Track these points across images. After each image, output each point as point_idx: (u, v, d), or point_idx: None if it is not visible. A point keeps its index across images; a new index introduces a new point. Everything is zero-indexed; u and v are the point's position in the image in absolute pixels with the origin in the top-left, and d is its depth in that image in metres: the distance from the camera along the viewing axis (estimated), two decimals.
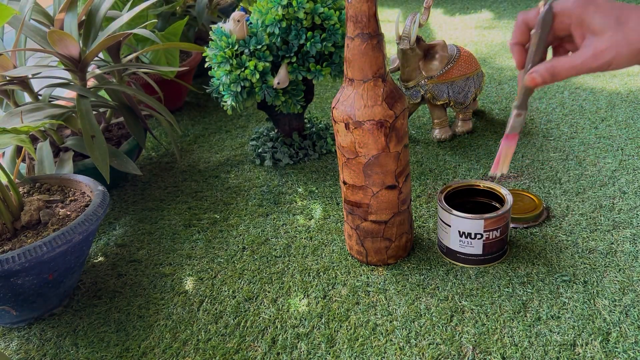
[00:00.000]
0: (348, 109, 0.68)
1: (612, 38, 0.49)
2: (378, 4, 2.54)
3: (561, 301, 0.69)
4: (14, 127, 0.69)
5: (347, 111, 0.68)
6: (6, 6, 0.69)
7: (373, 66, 0.66)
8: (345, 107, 0.68)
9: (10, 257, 0.64)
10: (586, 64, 0.52)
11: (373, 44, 0.64)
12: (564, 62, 0.53)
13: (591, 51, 0.51)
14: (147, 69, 1.09)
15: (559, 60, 0.53)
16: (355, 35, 0.64)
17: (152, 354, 0.67)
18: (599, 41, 0.50)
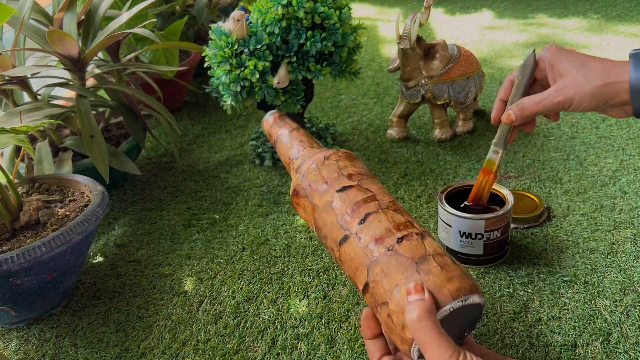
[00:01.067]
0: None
1: (574, 77, 0.55)
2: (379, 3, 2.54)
3: (562, 301, 0.68)
4: (12, 126, 0.69)
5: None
6: (5, 5, 0.69)
7: None
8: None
9: (9, 257, 0.64)
10: (549, 99, 0.57)
11: None
12: (530, 99, 0.59)
13: (554, 88, 0.57)
14: (146, 69, 1.08)
15: (527, 98, 0.60)
16: None
17: (152, 354, 0.67)
18: (563, 80, 0.56)
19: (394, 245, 0.47)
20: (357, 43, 1.02)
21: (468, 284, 0.45)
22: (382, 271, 0.47)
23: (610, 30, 1.76)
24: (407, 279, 0.45)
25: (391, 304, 0.46)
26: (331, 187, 0.55)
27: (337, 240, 0.52)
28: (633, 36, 1.67)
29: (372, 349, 0.50)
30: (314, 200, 0.55)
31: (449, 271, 0.45)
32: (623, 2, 2.06)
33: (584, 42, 1.67)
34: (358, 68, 1.05)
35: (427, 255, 0.46)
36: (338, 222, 0.52)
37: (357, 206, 0.52)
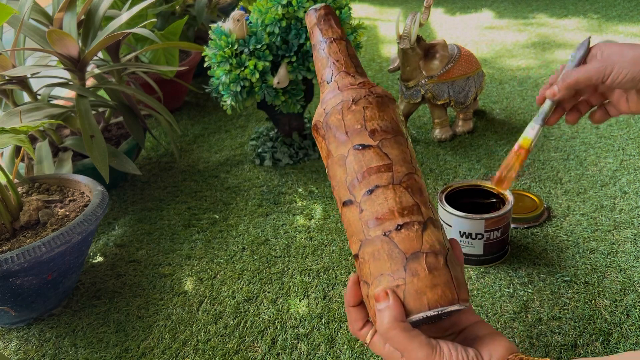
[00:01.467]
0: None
1: (620, 49, 0.57)
2: (379, 3, 2.54)
3: (562, 301, 0.68)
4: (12, 126, 0.69)
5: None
6: (5, 5, 0.69)
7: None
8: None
9: (9, 257, 0.64)
10: (591, 65, 0.58)
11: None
12: (574, 69, 0.60)
13: (599, 57, 0.58)
14: (146, 69, 1.08)
15: (571, 69, 0.60)
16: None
17: (152, 354, 0.67)
18: (609, 51, 0.58)
19: (392, 232, 0.46)
20: (357, 43, 1.02)
21: (450, 295, 0.44)
22: (372, 254, 0.47)
23: (610, 30, 1.76)
24: (392, 273, 0.45)
25: (371, 288, 0.46)
26: (350, 139, 0.50)
27: (341, 199, 0.50)
28: (633, 36, 1.67)
29: (354, 316, 0.49)
30: (331, 147, 0.51)
31: (435, 277, 0.45)
32: (623, 2, 2.06)
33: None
34: None
35: (421, 253, 0.45)
36: (346, 182, 0.49)
37: (368, 173, 0.48)
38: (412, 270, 0.45)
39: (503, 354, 0.44)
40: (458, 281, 0.46)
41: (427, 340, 0.44)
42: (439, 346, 0.44)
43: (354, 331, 0.50)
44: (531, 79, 1.41)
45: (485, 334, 0.47)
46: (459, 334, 0.49)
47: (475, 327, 0.48)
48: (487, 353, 0.44)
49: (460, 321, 0.49)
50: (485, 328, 0.48)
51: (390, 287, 0.45)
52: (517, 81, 1.41)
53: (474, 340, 0.47)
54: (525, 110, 1.23)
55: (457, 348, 0.44)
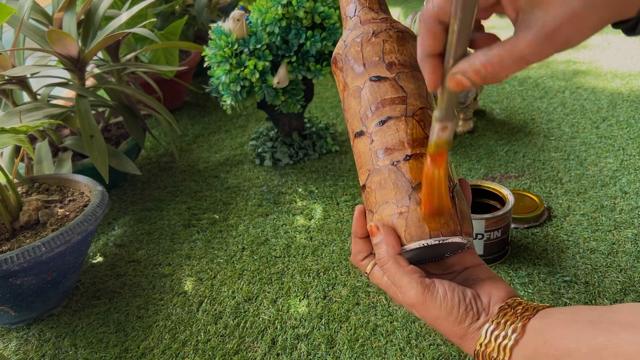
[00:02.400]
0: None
1: (565, 4, 0.33)
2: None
3: (562, 302, 0.68)
4: (12, 126, 0.69)
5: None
6: (5, 5, 0.68)
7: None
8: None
9: (9, 257, 0.64)
10: (537, 50, 0.35)
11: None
12: (506, 52, 0.36)
13: (541, 31, 0.34)
14: (146, 69, 1.08)
15: (496, 50, 0.36)
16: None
17: (152, 354, 0.67)
18: (548, 15, 0.34)
19: (400, 162, 0.46)
20: None
21: (453, 226, 0.45)
22: (379, 182, 0.47)
23: (610, 30, 1.76)
24: (397, 201, 0.45)
25: (375, 216, 0.47)
26: (367, 71, 0.49)
27: (354, 130, 0.50)
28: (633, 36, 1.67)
29: (358, 247, 0.49)
30: (347, 79, 0.51)
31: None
32: None
33: (584, 42, 1.67)
34: None
35: None
36: (360, 114, 0.49)
37: (382, 104, 0.48)
38: (416, 199, 0.45)
39: (502, 297, 0.44)
40: (462, 214, 0.46)
41: (420, 279, 0.44)
42: (434, 285, 0.44)
43: (356, 262, 0.50)
44: (531, 79, 1.41)
45: (486, 277, 0.47)
46: (459, 273, 0.49)
47: (477, 269, 0.48)
48: (487, 295, 0.44)
49: (462, 261, 0.49)
50: (486, 272, 0.48)
51: (394, 214, 0.45)
52: (517, 81, 1.41)
53: (474, 282, 0.47)
54: (526, 110, 1.23)
55: (454, 289, 0.43)
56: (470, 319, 0.43)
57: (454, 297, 0.43)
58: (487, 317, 0.43)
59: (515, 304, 0.43)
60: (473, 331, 0.43)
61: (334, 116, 1.32)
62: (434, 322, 0.44)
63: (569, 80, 1.38)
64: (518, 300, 0.44)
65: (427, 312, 0.44)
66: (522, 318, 0.41)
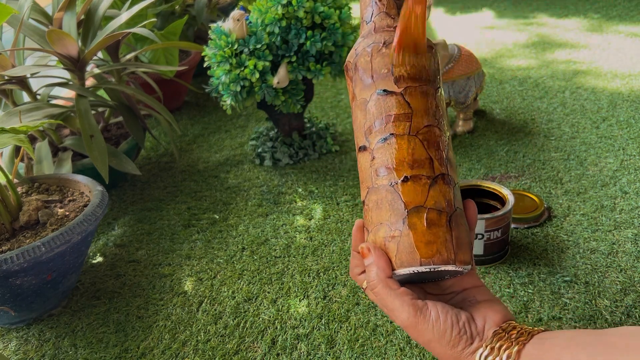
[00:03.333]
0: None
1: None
2: None
3: (562, 302, 0.68)
4: (12, 126, 0.69)
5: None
6: (5, 5, 0.68)
7: None
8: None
9: (9, 257, 0.64)
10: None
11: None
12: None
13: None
14: (146, 68, 1.08)
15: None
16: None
17: (152, 354, 0.67)
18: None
19: (398, 183, 0.45)
20: None
21: (445, 254, 0.43)
22: (376, 202, 0.46)
23: (610, 30, 1.76)
24: (391, 223, 0.45)
25: (370, 236, 0.46)
26: (375, 84, 0.48)
27: (357, 144, 0.49)
28: (633, 36, 1.67)
29: (356, 261, 0.49)
30: (356, 90, 0.50)
31: (433, 233, 0.43)
32: (623, 2, 2.06)
33: (584, 42, 1.67)
34: None
35: (423, 207, 0.44)
36: (364, 128, 0.48)
37: (387, 120, 0.47)
38: (410, 223, 0.44)
39: (498, 321, 0.43)
40: (458, 241, 0.45)
41: (412, 301, 0.43)
42: (426, 307, 0.43)
43: (353, 276, 0.50)
44: (531, 79, 1.41)
45: (483, 300, 0.46)
46: (458, 294, 0.48)
47: (475, 291, 0.48)
48: (482, 318, 0.44)
49: (462, 282, 0.49)
50: (485, 294, 0.47)
51: (387, 236, 0.45)
52: (517, 81, 1.41)
53: (471, 304, 0.46)
54: (526, 110, 1.23)
55: (447, 312, 0.43)
56: (463, 343, 0.42)
57: (447, 320, 0.42)
58: (481, 341, 0.42)
59: (510, 328, 0.42)
60: (467, 355, 0.42)
61: (334, 116, 1.32)
62: (427, 345, 0.43)
63: (569, 80, 1.38)
64: (513, 324, 0.43)
65: (419, 335, 0.43)
66: (517, 343, 0.41)
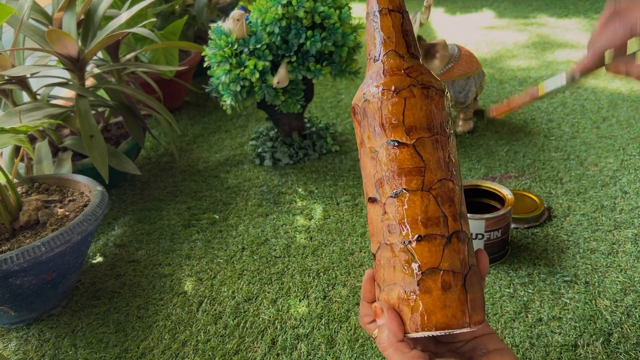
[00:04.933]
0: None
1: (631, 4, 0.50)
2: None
3: (562, 302, 0.68)
4: (12, 126, 0.69)
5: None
6: (5, 5, 0.68)
7: None
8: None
9: (9, 257, 0.64)
10: (613, 29, 0.52)
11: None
12: (597, 37, 0.53)
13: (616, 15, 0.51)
14: (146, 68, 1.08)
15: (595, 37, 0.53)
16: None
17: (151, 354, 0.67)
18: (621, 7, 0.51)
19: (412, 243, 0.44)
20: (357, 43, 1.02)
21: (461, 318, 0.43)
22: (388, 260, 0.45)
23: None
24: (405, 285, 0.44)
25: (382, 294, 0.45)
26: (385, 133, 0.46)
27: (367, 194, 0.47)
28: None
29: (365, 311, 0.49)
30: (364, 136, 0.48)
31: (448, 297, 0.43)
32: None
33: (584, 42, 1.67)
34: (358, 68, 1.05)
35: (438, 269, 0.43)
36: (374, 179, 0.46)
37: (399, 174, 0.45)
38: (425, 286, 0.43)
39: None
40: (473, 303, 0.44)
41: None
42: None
43: (362, 324, 0.49)
44: (531, 79, 1.41)
45: (494, 349, 0.46)
46: (467, 342, 0.48)
47: (486, 339, 0.48)
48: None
49: (472, 331, 0.49)
50: (496, 342, 0.47)
51: (400, 299, 0.44)
52: (517, 81, 1.41)
53: (482, 354, 0.46)
54: (526, 110, 1.23)
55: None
56: None
57: None
58: None
59: None
60: None
61: (334, 116, 1.32)
62: None
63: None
64: None
65: None
66: None
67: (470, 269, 0.45)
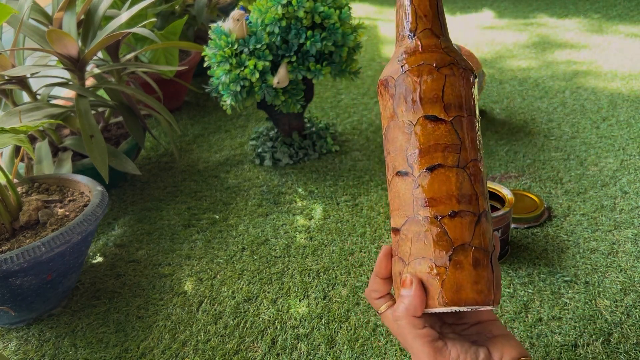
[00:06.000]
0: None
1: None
2: (379, 3, 2.54)
3: (562, 302, 0.68)
4: (12, 126, 0.69)
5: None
6: (5, 5, 0.68)
7: None
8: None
9: (9, 257, 0.64)
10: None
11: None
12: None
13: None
14: (146, 68, 1.08)
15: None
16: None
17: (152, 354, 0.67)
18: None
19: (445, 218, 0.44)
20: (357, 43, 1.02)
21: (488, 295, 0.43)
22: (417, 234, 0.44)
23: (610, 30, 1.76)
24: (435, 259, 0.43)
25: (408, 268, 0.45)
26: (422, 107, 0.46)
27: (395, 168, 0.47)
28: (633, 36, 1.67)
29: (376, 286, 0.48)
30: (398, 109, 0.47)
31: (478, 273, 0.43)
32: (623, 2, 2.06)
33: (584, 42, 1.67)
34: (358, 68, 1.05)
35: (469, 245, 0.43)
36: (406, 152, 0.46)
37: (434, 149, 0.45)
38: (456, 261, 0.43)
39: (514, 356, 0.44)
40: (497, 282, 0.45)
41: (432, 343, 0.43)
42: (446, 348, 0.43)
43: (369, 298, 0.49)
44: (531, 79, 1.41)
45: (498, 334, 0.47)
46: (472, 325, 0.49)
47: (491, 325, 0.48)
48: (499, 353, 0.44)
49: (478, 314, 0.49)
50: (500, 328, 0.48)
51: (430, 272, 0.43)
52: (517, 81, 1.41)
53: (487, 338, 0.46)
54: (526, 110, 1.23)
55: (466, 351, 0.43)
56: None
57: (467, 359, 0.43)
58: None
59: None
60: None
61: (334, 116, 1.32)
62: None
63: (569, 80, 1.38)
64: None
65: None
66: None
67: (494, 249, 0.46)
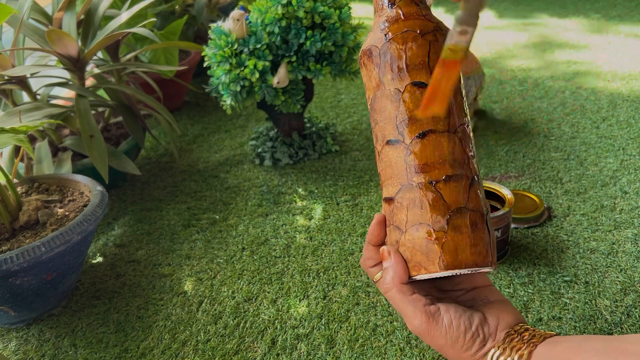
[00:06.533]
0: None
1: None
2: None
3: (562, 302, 0.68)
4: (12, 126, 0.69)
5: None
6: (5, 5, 0.68)
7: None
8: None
9: (9, 257, 0.64)
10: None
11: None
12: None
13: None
14: (146, 68, 1.08)
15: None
16: None
17: (151, 354, 0.67)
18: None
19: (440, 182, 0.43)
20: (357, 42, 1.02)
21: (487, 256, 0.43)
22: (412, 200, 0.44)
23: (610, 30, 1.76)
24: (433, 224, 0.43)
25: (405, 236, 0.44)
26: (409, 74, 0.45)
27: (385, 137, 0.46)
28: (634, 36, 1.67)
29: (370, 254, 0.49)
30: (384, 78, 0.46)
31: (477, 236, 0.43)
32: (623, 2, 2.06)
33: (584, 42, 1.67)
34: (358, 68, 1.05)
35: (465, 209, 0.43)
36: (396, 120, 0.45)
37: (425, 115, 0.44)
38: (454, 225, 0.43)
39: (510, 323, 0.44)
40: (494, 243, 0.45)
41: (425, 308, 0.43)
42: (439, 313, 0.43)
43: (364, 267, 0.49)
44: (531, 79, 1.41)
45: (495, 300, 0.47)
46: (468, 291, 0.49)
47: (486, 290, 0.48)
48: (495, 318, 0.44)
49: (473, 280, 0.49)
50: (495, 294, 0.48)
51: (428, 237, 0.43)
52: (517, 81, 1.41)
53: (483, 304, 0.46)
54: (526, 110, 1.23)
55: (460, 316, 0.43)
56: (477, 345, 0.42)
57: (460, 326, 0.43)
58: (493, 342, 0.43)
59: (522, 330, 0.43)
60: (479, 357, 0.43)
61: (334, 116, 1.32)
62: (440, 349, 0.44)
63: (569, 80, 1.38)
64: (525, 326, 0.43)
65: (432, 341, 0.43)
66: (528, 345, 0.41)
67: (488, 211, 0.46)
